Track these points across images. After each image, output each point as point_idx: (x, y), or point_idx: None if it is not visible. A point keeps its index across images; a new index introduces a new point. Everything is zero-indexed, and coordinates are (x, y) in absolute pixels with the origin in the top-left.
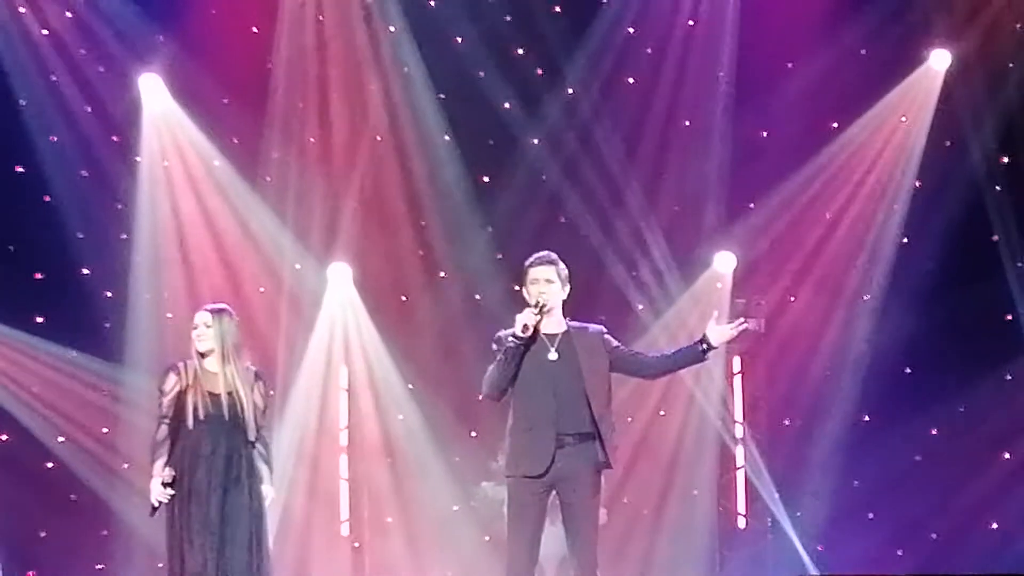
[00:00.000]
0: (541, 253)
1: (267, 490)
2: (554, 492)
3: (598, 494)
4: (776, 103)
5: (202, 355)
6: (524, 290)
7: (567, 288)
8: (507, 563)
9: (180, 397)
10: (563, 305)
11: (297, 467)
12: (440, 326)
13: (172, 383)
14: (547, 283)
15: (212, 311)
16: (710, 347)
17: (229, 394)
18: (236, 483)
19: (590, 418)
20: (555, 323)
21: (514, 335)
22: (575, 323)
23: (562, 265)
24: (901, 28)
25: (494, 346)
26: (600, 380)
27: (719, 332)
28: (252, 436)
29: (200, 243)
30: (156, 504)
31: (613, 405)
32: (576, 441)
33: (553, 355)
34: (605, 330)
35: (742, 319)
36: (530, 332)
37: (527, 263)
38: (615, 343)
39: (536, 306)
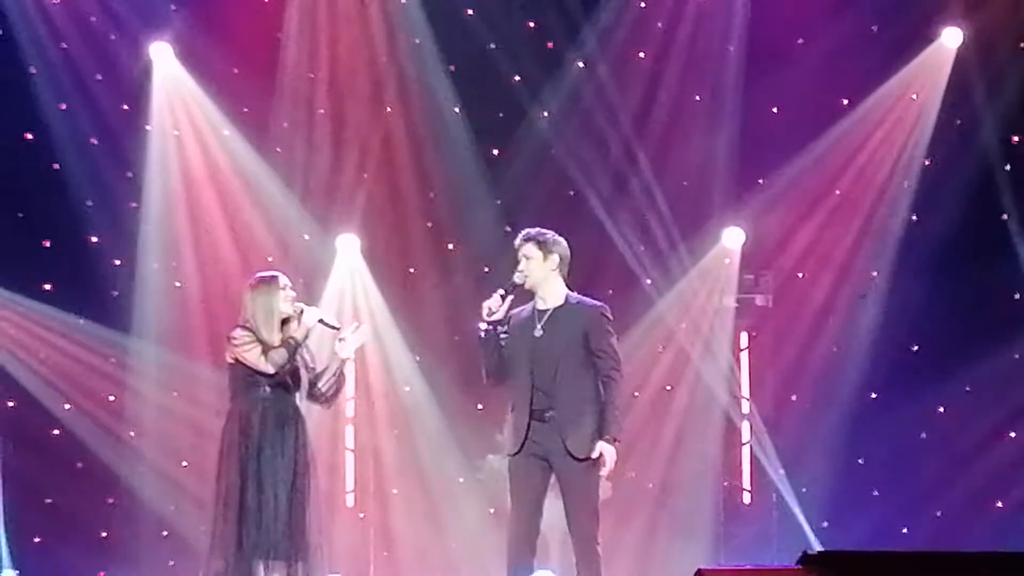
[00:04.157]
0: (524, 231)
1: None
2: None
3: (591, 467)
4: (787, 79)
5: (287, 320)
6: None
7: (554, 258)
8: (507, 536)
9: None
10: (563, 278)
11: None
12: (447, 298)
13: (252, 338)
14: (526, 260)
15: None
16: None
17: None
18: (303, 446)
19: (562, 396)
20: (550, 298)
21: (482, 322)
22: (576, 297)
23: (546, 237)
24: (913, 5)
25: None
26: (576, 358)
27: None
28: (304, 396)
29: (209, 213)
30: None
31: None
32: (551, 417)
33: (538, 332)
34: (606, 309)
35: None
36: (497, 316)
37: None
38: (599, 332)
39: (506, 290)
